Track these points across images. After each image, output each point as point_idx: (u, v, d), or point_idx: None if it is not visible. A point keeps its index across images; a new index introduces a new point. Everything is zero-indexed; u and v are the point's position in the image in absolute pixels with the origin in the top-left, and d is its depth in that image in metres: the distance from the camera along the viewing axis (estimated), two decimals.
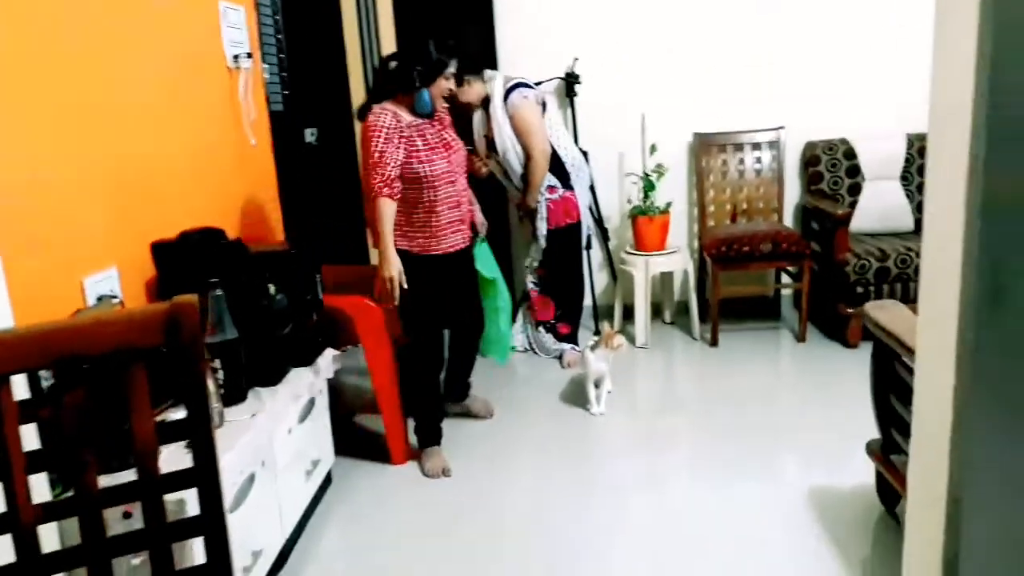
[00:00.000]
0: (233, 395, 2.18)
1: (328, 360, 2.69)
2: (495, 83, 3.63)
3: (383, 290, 2.76)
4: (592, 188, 4.13)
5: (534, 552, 2.38)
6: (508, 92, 3.59)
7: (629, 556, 2.34)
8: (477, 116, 3.69)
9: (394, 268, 2.74)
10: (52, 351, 1.23)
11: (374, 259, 4.32)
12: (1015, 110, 0.89)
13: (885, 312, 2.17)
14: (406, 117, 2.75)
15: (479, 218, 3.14)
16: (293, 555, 2.42)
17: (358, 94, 4.22)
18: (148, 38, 2.46)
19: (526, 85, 3.65)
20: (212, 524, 1.29)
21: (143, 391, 1.25)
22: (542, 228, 3.76)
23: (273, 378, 2.33)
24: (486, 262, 3.23)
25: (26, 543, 1.20)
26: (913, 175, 4.20)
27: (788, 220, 4.39)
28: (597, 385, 3.30)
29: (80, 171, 2.10)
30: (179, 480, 1.28)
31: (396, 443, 2.94)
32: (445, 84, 2.81)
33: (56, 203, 1.99)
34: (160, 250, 2.37)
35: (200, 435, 1.27)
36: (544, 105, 3.70)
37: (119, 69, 2.30)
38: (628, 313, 4.19)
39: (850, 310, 3.81)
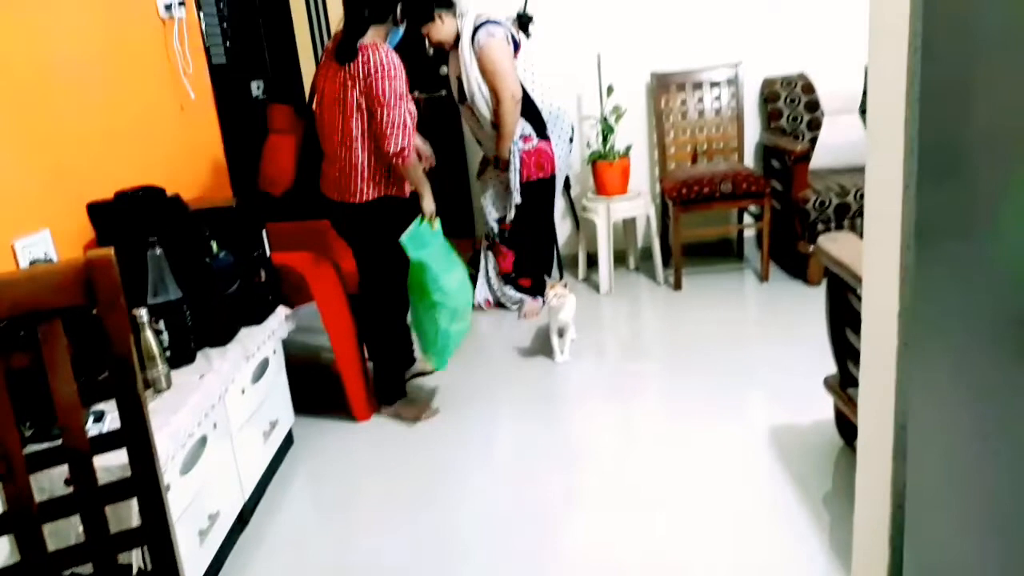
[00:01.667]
0: (180, 356, 2.11)
1: (280, 319, 2.62)
2: (466, 20, 3.43)
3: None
4: (571, 140, 3.85)
5: (502, 502, 2.37)
6: (476, 30, 3.40)
7: (597, 497, 2.34)
8: (450, 58, 3.51)
9: (433, 204, 2.75)
10: None
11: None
12: (947, 44, 0.87)
13: (837, 244, 2.16)
14: None
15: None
16: (255, 516, 2.39)
17: (305, 45, 4.08)
18: None
19: (495, 22, 3.44)
20: (145, 485, 1.24)
21: (61, 352, 1.18)
22: (515, 181, 3.54)
23: (222, 338, 2.27)
24: (434, 248, 2.79)
25: None
26: None
27: (749, 159, 4.36)
28: (560, 334, 3.27)
29: (5, 135, 1.99)
30: (108, 442, 1.23)
31: (357, 400, 2.90)
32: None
33: None
34: (96, 210, 2.28)
35: (125, 394, 1.21)
36: (517, 45, 3.51)
37: (43, 23, 2.18)
38: (592, 261, 4.16)
39: (811, 247, 3.80)
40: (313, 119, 2.78)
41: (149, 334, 1.94)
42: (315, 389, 3.11)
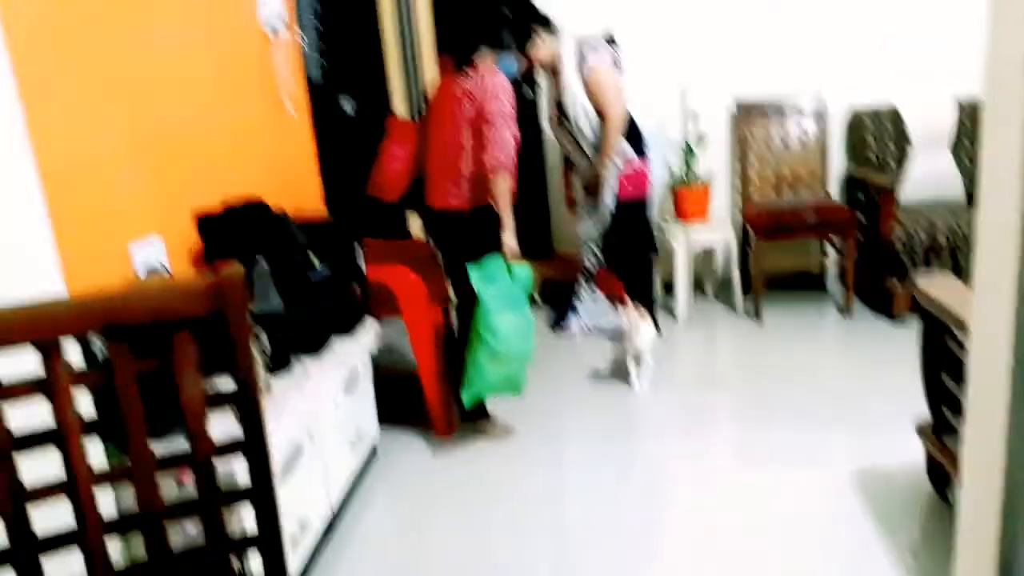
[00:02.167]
0: (278, 363, 2.19)
1: (370, 332, 2.69)
2: (566, 42, 3.46)
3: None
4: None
5: (574, 527, 2.38)
6: (582, 53, 3.44)
7: (671, 536, 2.32)
8: (545, 79, 3.54)
9: (515, 242, 2.82)
10: (100, 318, 1.24)
11: (415, 231, 4.36)
12: None
13: (936, 285, 2.11)
14: None
15: None
16: (339, 528, 2.44)
17: (395, 63, 4.19)
18: (188, 9, 2.46)
19: (600, 45, 3.47)
20: (262, 492, 1.30)
21: (191, 359, 1.25)
22: (608, 200, 3.54)
23: (317, 346, 2.34)
24: (499, 286, 2.74)
25: (83, 508, 1.22)
26: (964, 143, 4.06)
27: (833, 191, 4.29)
28: (637, 361, 3.26)
29: (122, 142, 2.11)
30: (229, 448, 1.29)
31: (439, 416, 2.95)
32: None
33: (101, 173, 2.01)
34: (204, 222, 2.38)
35: (247, 403, 1.28)
36: (619, 67, 3.52)
37: (161, 41, 2.30)
38: (669, 287, 4.14)
39: (897, 283, 3.72)
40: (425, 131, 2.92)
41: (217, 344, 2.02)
42: (399, 403, 3.17)
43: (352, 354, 2.53)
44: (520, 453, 2.83)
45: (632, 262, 3.68)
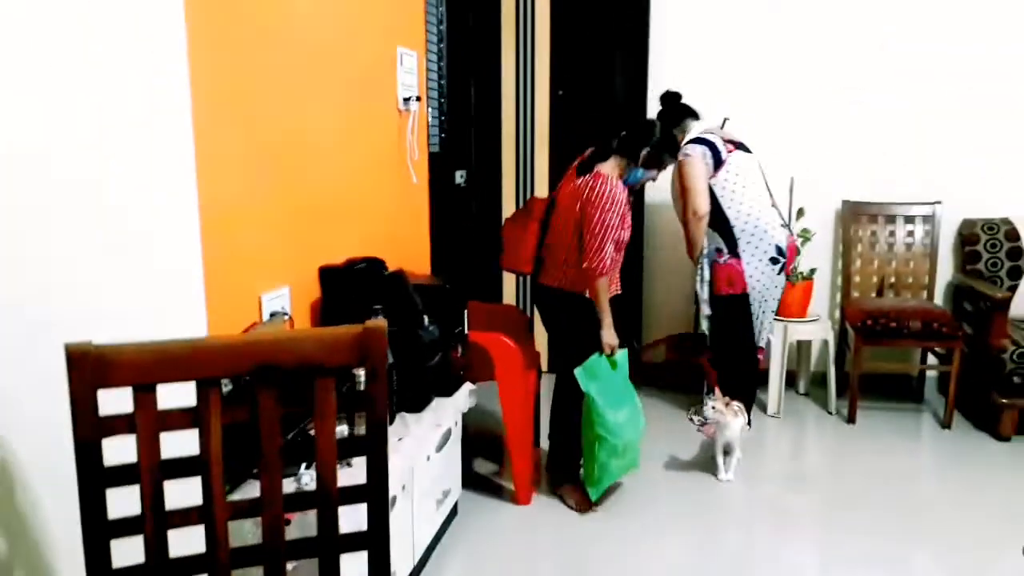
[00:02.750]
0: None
1: (465, 393, 2.77)
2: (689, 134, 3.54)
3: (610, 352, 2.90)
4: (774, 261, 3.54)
5: None
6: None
7: None
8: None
9: (615, 337, 2.88)
10: (254, 359, 1.34)
11: (507, 298, 4.47)
12: None
13: None
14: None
15: None
16: None
17: (509, 139, 4.38)
18: (334, 82, 2.66)
19: (700, 140, 3.47)
20: (377, 540, 1.36)
21: (331, 405, 1.34)
22: (703, 292, 3.56)
23: (419, 405, 2.43)
24: (605, 382, 2.89)
25: (215, 536, 1.30)
26: None
27: (938, 298, 4.19)
28: (726, 452, 3.22)
29: (266, 202, 2.29)
30: (353, 494, 1.36)
31: (522, 482, 2.98)
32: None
33: (243, 229, 2.17)
34: (327, 274, 2.53)
35: (377, 453, 1.35)
36: (719, 162, 3.46)
37: (306, 112, 2.50)
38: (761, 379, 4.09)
39: (1004, 400, 3.57)
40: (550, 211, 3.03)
41: (354, 392, 2.12)
42: (482, 464, 3.22)
43: (448, 415, 2.60)
44: (598, 530, 2.82)
45: (731, 356, 3.61)
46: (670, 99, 3.53)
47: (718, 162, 3.45)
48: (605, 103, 4.24)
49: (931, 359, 4.17)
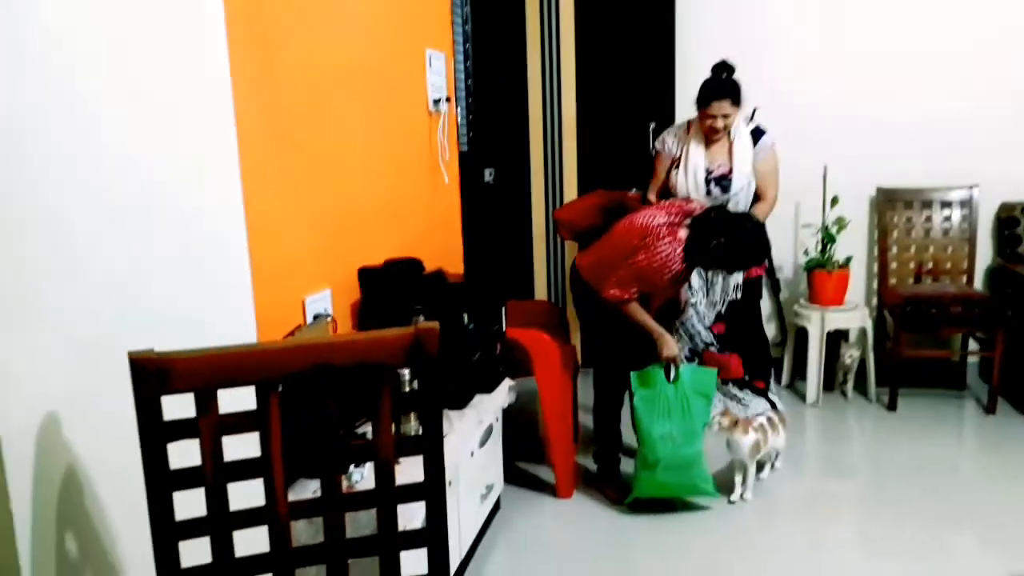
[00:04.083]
0: None
1: (505, 389, 2.79)
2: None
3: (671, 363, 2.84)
4: None
5: None
6: (756, 132, 3.44)
7: None
8: (701, 148, 3.40)
9: (674, 347, 2.83)
10: (311, 360, 1.37)
11: (539, 294, 4.48)
12: None
13: None
14: None
15: None
16: (467, 572, 2.50)
17: (537, 135, 4.39)
18: (367, 89, 2.69)
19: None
20: (436, 536, 1.39)
21: (387, 404, 1.36)
22: (739, 278, 3.49)
23: (461, 402, 2.45)
24: (654, 393, 2.86)
25: (280, 535, 1.33)
26: None
27: (978, 283, 4.13)
28: (742, 471, 2.97)
29: (304, 207, 2.32)
30: (411, 492, 1.38)
31: (563, 476, 3.00)
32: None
33: (286, 236, 2.21)
34: (366, 275, 2.56)
35: (433, 451, 1.38)
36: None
37: (341, 120, 2.53)
38: (799, 368, 4.07)
39: None
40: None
41: (407, 392, 2.15)
42: (524, 460, 3.24)
43: (490, 411, 2.62)
44: (639, 523, 2.83)
45: (754, 337, 3.60)
46: (728, 69, 3.31)
47: None
48: (634, 95, 4.23)
49: (972, 345, 4.11)
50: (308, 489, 1.89)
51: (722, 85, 3.22)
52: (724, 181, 3.37)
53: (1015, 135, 4.04)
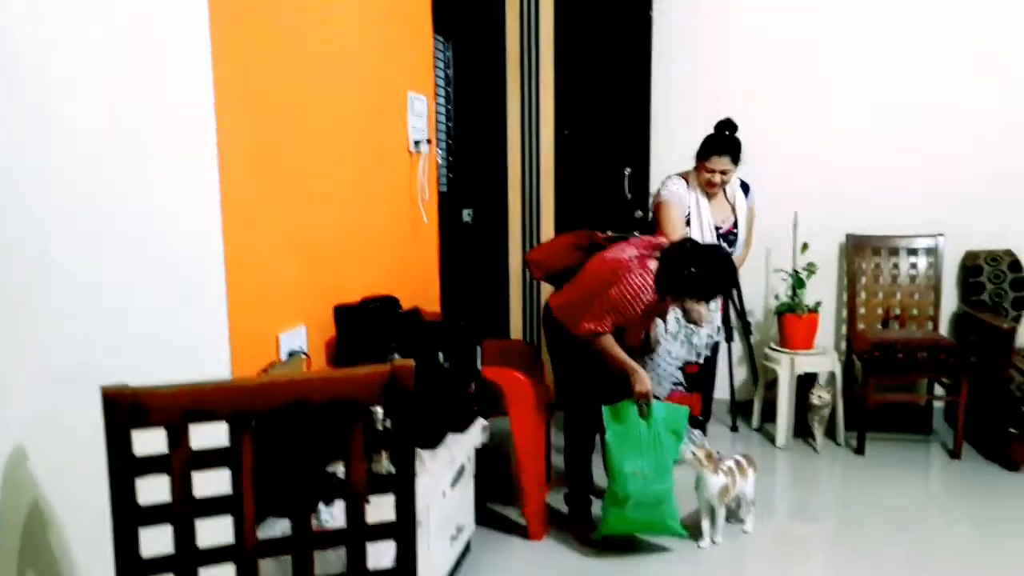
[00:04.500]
0: None
1: (479, 429, 2.79)
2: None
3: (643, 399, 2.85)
4: None
5: None
6: (743, 186, 3.58)
7: None
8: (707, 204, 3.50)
9: (647, 383, 2.84)
10: (285, 397, 1.38)
11: (514, 333, 4.51)
12: None
13: None
14: None
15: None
16: None
17: (515, 177, 4.45)
18: (349, 128, 2.73)
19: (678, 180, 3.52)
20: (405, 573, 1.39)
21: (359, 441, 1.37)
22: (718, 320, 3.59)
23: (434, 441, 2.45)
24: (626, 429, 2.86)
25: (248, 573, 1.32)
26: None
27: (943, 329, 4.22)
28: (710, 514, 2.95)
29: (283, 244, 2.33)
30: (382, 531, 1.38)
31: (535, 518, 2.99)
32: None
33: (263, 272, 2.22)
34: (342, 313, 2.57)
35: (405, 489, 1.38)
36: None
37: (322, 158, 2.56)
38: (768, 411, 4.11)
39: (1015, 431, 3.59)
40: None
41: (380, 429, 2.15)
42: (496, 501, 3.23)
43: (463, 451, 2.62)
44: (611, 567, 2.82)
45: (709, 373, 3.76)
46: (730, 127, 3.42)
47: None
48: (610, 141, 4.31)
49: (938, 390, 4.19)
50: (277, 528, 1.87)
51: (724, 142, 3.34)
52: (731, 236, 3.47)
53: (979, 187, 4.17)
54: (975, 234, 4.18)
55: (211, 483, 1.31)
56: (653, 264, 2.75)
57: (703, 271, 2.69)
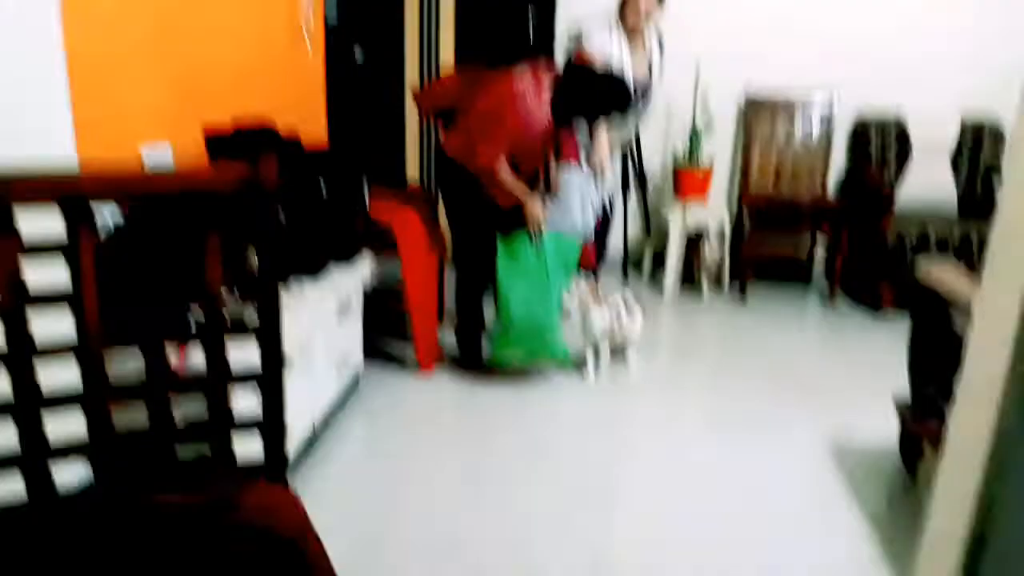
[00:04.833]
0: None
1: (367, 264, 2.71)
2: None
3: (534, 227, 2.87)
4: None
5: (542, 476, 2.40)
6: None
7: (639, 497, 2.36)
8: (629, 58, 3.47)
9: (539, 210, 2.85)
10: (137, 188, 1.26)
11: (411, 180, 4.37)
12: None
13: (939, 268, 2.19)
14: None
15: None
16: (316, 450, 2.46)
17: (413, 18, 4.18)
18: None
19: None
20: (271, 377, 1.32)
21: (215, 242, 1.26)
22: (619, 169, 3.63)
23: (315, 268, 2.36)
24: (518, 260, 2.91)
25: (93, 369, 1.23)
26: (964, 160, 4.15)
27: (831, 188, 4.35)
28: (595, 351, 3.05)
29: (145, 49, 2.11)
30: (242, 329, 1.30)
31: (425, 349, 2.99)
32: None
33: (122, 74, 2.01)
34: (213, 142, 2.37)
35: (267, 291, 1.29)
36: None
37: None
38: (659, 264, 4.19)
39: (885, 279, 3.80)
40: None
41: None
42: (388, 342, 3.22)
43: (347, 282, 2.55)
44: (498, 396, 2.87)
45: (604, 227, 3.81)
46: None
47: None
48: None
49: (820, 245, 4.37)
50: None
51: None
52: (647, 94, 3.39)
53: (876, 52, 4.19)
54: (866, 99, 4.23)
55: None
56: (547, 90, 2.71)
57: (595, 90, 2.72)
